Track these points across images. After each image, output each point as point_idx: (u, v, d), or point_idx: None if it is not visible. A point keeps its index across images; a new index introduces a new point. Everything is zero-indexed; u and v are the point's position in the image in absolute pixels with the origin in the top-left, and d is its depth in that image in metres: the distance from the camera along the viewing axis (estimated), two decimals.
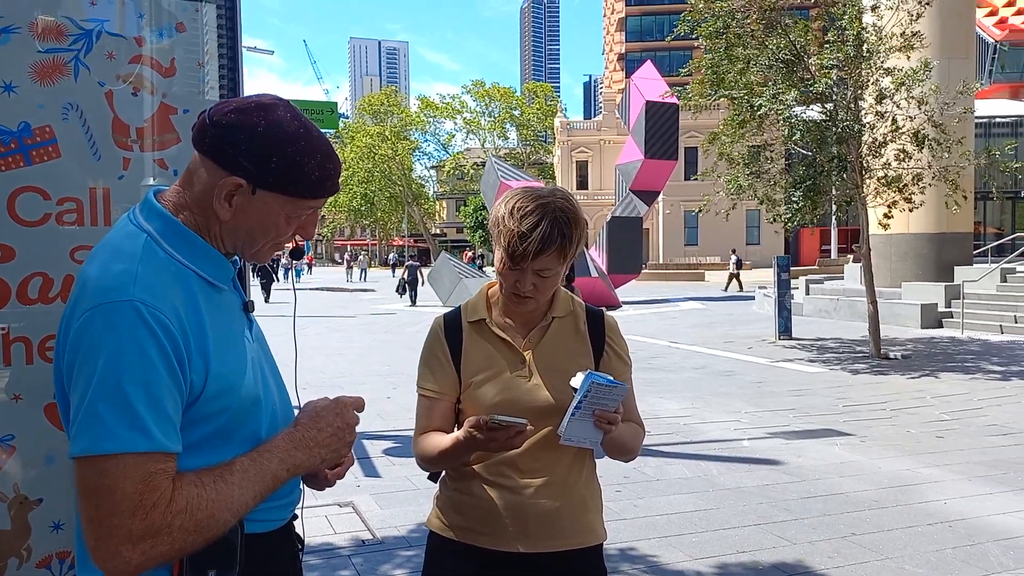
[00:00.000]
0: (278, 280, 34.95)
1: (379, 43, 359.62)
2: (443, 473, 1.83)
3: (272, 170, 1.19)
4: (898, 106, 10.60)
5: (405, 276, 24.06)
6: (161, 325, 1.11)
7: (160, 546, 1.08)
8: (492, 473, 1.71)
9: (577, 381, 1.58)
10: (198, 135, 1.21)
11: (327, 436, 1.28)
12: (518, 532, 1.69)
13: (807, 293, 17.88)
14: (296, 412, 1.35)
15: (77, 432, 1.08)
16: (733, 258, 29.48)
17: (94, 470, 1.07)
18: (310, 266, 51.85)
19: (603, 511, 1.85)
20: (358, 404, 1.36)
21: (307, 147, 1.21)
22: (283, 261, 37.83)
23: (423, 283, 23.95)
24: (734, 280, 28.38)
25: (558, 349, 1.74)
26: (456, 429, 1.72)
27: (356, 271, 43.53)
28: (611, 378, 1.59)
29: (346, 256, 50.32)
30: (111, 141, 1.90)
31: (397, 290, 24.36)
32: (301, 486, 1.40)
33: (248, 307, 1.34)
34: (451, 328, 1.78)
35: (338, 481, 1.45)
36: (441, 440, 1.69)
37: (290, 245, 1.40)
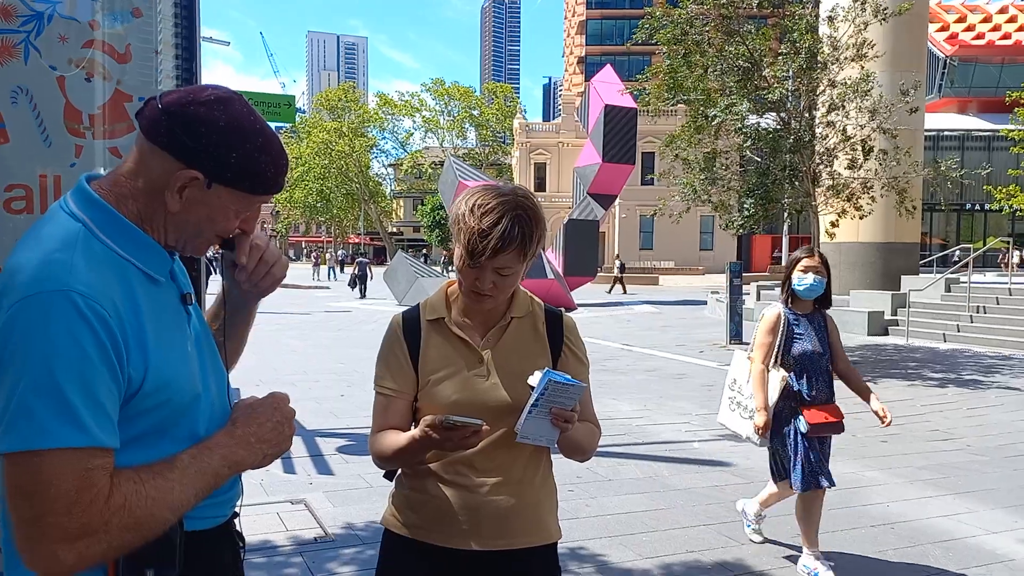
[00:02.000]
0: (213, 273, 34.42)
1: (337, 38, 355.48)
2: (399, 471, 1.83)
3: (230, 165, 1.17)
4: (848, 116, 10.91)
5: (356, 271, 27.18)
6: (98, 317, 1.07)
7: (97, 545, 1.05)
8: (448, 472, 1.71)
9: (535, 379, 1.59)
10: (151, 125, 1.17)
11: (268, 431, 1.27)
12: (472, 530, 1.70)
13: (758, 299, 18.27)
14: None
15: (7, 428, 1.03)
16: (617, 263, 30.62)
17: (26, 467, 1.02)
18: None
19: (557, 510, 1.87)
20: (286, 398, 1.34)
21: (264, 144, 1.20)
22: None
23: (372, 278, 27.46)
24: (618, 284, 29.60)
25: (516, 349, 1.75)
26: (413, 427, 1.71)
27: (324, 269, 42.59)
28: (569, 377, 1.60)
29: (314, 254, 49.26)
30: (63, 127, 1.85)
31: (349, 283, 27.75)
32: (241, 484, 1.37)
33: (186, 299, 1.30)
34: (409, 326, 1.78)
35: (291, 478, 1.44)
36: (397, 439, 1.68)
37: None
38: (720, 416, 4.16)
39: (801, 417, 3.77)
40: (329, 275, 41.91)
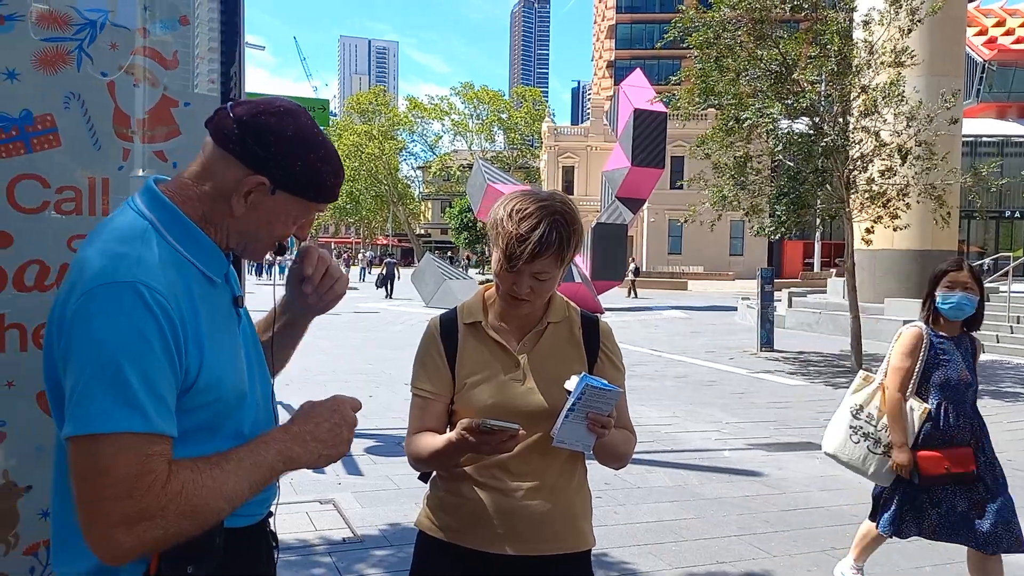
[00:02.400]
0: (259, 276, 34.87)
1: (369, 42, 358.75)
2: (434, 474, 1.83)
3: (295, 173, 1.24)
4: (884, 121, 10.73)
5: (383, 272, 28.45)
6: (163, 310, 1.11)
7: (154, 530, 1.07)
8: (483, 475, 1.72)
9: (572, 383, 1.59)
10: (223, 133, 1.22)
11: (324, 431, 1.28)
12: (507, 534, 1.70)
13: (790, 306, 18.04)
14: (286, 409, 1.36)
15: (72, 412, 1.07)
16: (632, 266, 30.29)
17: (88, 450, 1.06)
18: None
19: (591, 517, 1.87)
20: (355, 405, 1.36)
21: (325, 155, 1.27)
22: (267, 257, 37.57)
23: (399, 279, 28.63)
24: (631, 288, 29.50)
25: (552, 354, 1.75)
26: (449, 430, 1.72)
27: (356, 270, 41.93)
28: (606, 382, 1.60)
29: (344, 255, 49.20)
30: (111, 132, 1.89)
31: (376, 284, 29.52)
32: (278, 484, 1.39)
33: (238, 302, 1.35)
34: (447, 329, 1.79)
35: (320, 478, 1.47)
36: (433, 441, 1.69)
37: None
38: (831, 445, 3.52)
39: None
40: (360, 276, 41.98)
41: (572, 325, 1.80)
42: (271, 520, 1.41)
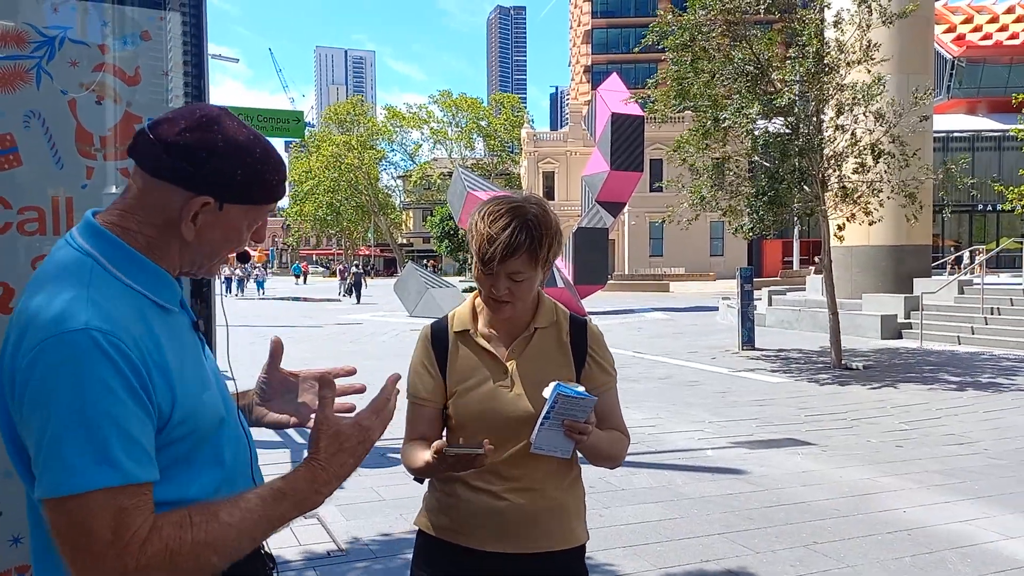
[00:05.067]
0: (229, 293, 34.45)
1: (345, 52, 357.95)
2: None
3: (237, 183, 1.17)
4: (856, 120, 10.87)
5: (351, 280, 31.91)
6: (120, 353, 1.05)
7: None
8: (474, 479, 1.75)
9: (548, 392, 1.61)
10: (151, 162, 1.15)
11: (348, 468, 1.21)
12: (499, 534, 1.74)
13: (770, 304, 18.19)
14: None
15: (40, 474, 1.03)
16: None
17: (62, 511, 1.02)
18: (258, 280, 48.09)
19: (585, 514, 1.90)
20: (382, 413, 1.26)
21: (262, 155, 1.20)
22: (238, 272, 36.63)
23: (366, 286, 32.98)
24: None
25: (540, 359, 1.78)
26: (444, 433, 1.81)
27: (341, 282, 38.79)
28: (580, 389, 1.61)
29: (339, 267, 47.36)
30: (74, 149, 1.87)
31: (345, 292, 32.74)
32: None
33: (197, 326, 1.30)
34: (437, 337, 1.83)
35: None
36: (417, 458, 1.73)
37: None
38: None
39: None
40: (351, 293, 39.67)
41: (560, 329, 1.83)
42: (264, 543, 1.36)
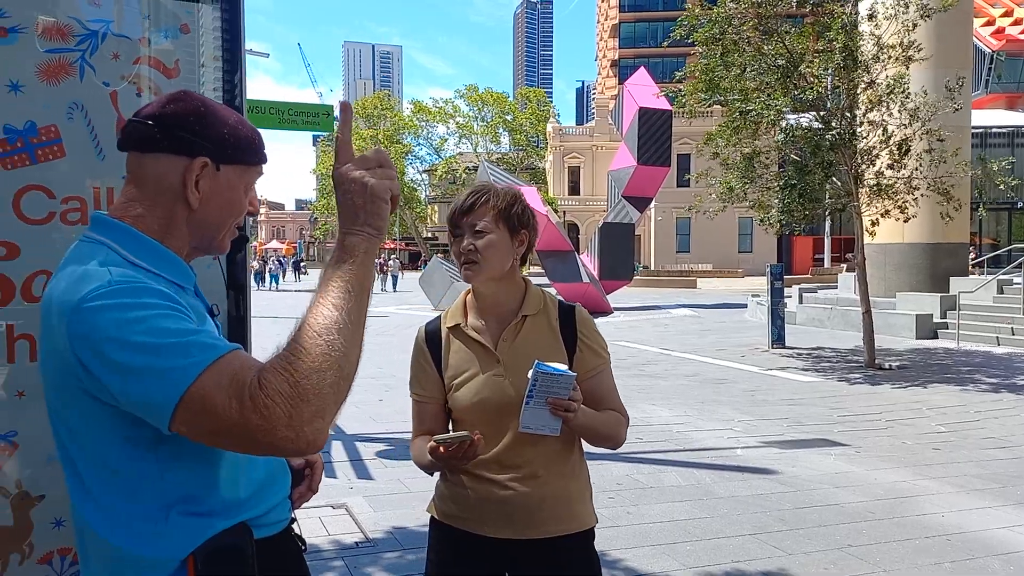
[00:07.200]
0: (264, 285, 34.91)
1: (373, 47, 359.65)
2: None
3: (227, 141, 1.23)
4: (891, 115, 10.66)
5: (391, 271, 33.95)
6: (151, 289, 1.10)
7: (303, 411, 1.02)
8: (478, 468, 1.81)
9: (531, 373, 1.68)
10: (145, 138, 1.21)
11: (381, 207, 1.18)
12: (504, 521, 1.79)
13: (800, 302, 17.94)
14: None
15: (151, 406, 1.04)
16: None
17: (189, 413, 1.03)
18: (297, 269, 49.17)
19: (593, 500, 1.94)
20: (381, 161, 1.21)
21: (238, 119, 1.28)
22: (270, 267, 37.30)
23: (402, 277, 34.78)
24: None
25: (531, 347, 1.82)
26: (449, 426, 1.89)
27: (389, 278, 35.89)
28: (559, 367, 1.68)
29: (378, 261, 46.93)
30: (115, 141, 1.88)
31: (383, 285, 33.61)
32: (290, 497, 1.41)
33: (212, 312, 1.34)
34: (431, 336, 1.91)
35: (332, 482, 1.47)
36: (423, 455, 1.80)
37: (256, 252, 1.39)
38: None
39: None
40: (391, 284, 35.37)
41: (549, 316, 1.87)
42: (295, 524, 1.42)
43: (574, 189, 53.80)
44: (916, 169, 10.63)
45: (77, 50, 1.81)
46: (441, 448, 1.65)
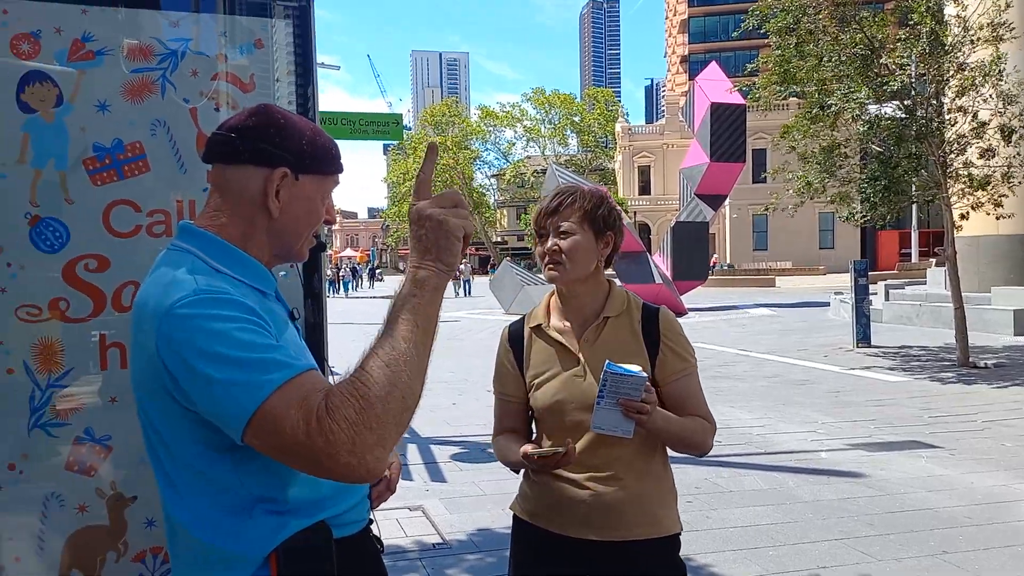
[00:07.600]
0: (339, 293, 35.97)
1: (440, 55, 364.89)
2: None
3: (306, 152, 1.27)
4: (984, 100, 10.07)
5: (463, 277, 33.90)
6: (233, 301, 1.14)
7: (367, 438, 1.04)
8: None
9: (602, 373, 1.68)
10: (228, 151, 1.26)
11: (454, 244, 1.21)
12: (584, 521, 1.79)
13: (886, 299, 17.18)
14: None
15: (226, 408, 1.08)
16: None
17: (260, 431, 1.06)
18: (372, 276, 50.72)
19: (676, 505, 1.91)
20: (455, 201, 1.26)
21: (315, 129, 1.31)
22: (342, 274, 38.40)
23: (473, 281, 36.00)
24: None
25: (612, 348, 1.81)
26: (532, 423, 1.93)
27: (462, 283, 35.72)
28: (631, 368, 1.66)
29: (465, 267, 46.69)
30: (195, 155, 1.96)
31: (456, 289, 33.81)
32: (369, 495, 1.43)
33: (293, 315, 1.38)
34: (514, 336, 1.95)
35: (408, 484, 1.49)
36: (510, 451, 1.87)
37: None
38: None
39: None
40: (464, 290, 35.49)
41: (632, 318, 1.86)
42: (374, 525, 1.44)
43: (644, 189, 53.15)
44: (1015, 156, 10.00)
45: (159, 68, 1.90)
46: (536, 457, 1.72)
